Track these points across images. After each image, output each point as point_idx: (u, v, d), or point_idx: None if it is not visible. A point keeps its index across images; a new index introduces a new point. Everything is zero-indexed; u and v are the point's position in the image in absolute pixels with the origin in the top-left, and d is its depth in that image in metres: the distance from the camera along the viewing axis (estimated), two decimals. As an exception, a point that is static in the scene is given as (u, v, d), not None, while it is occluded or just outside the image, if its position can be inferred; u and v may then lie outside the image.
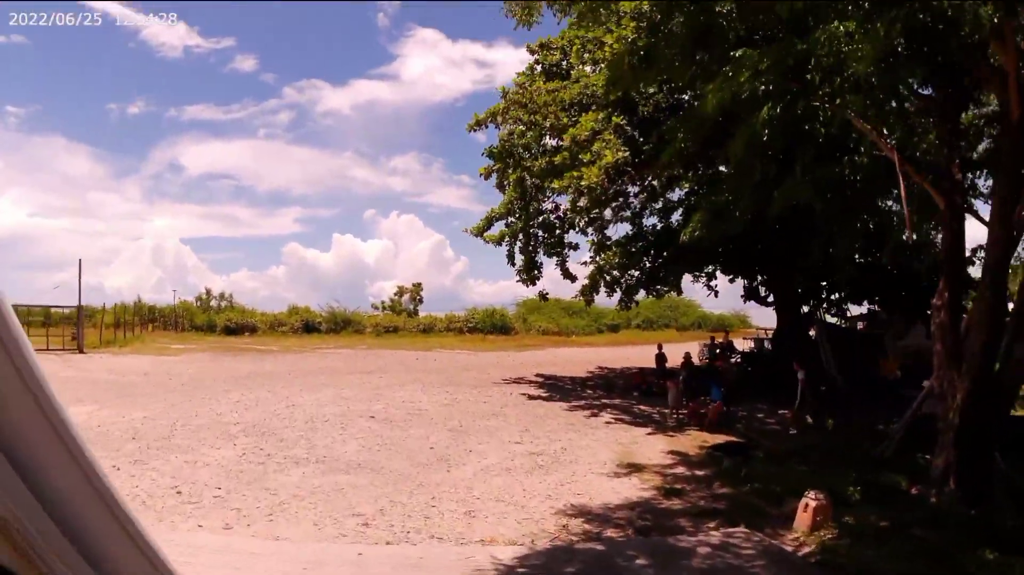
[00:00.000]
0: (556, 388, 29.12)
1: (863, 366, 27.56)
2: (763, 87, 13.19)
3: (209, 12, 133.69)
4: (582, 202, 24.40)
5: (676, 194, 32.21)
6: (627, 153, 22.43)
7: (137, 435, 17.21)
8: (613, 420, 21.90)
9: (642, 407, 24.71)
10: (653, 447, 18.15)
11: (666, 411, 23.16)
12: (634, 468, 15.64)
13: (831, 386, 25.57)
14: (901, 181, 13.97)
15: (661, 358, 30.34)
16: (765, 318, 57.47)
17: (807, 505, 11.59)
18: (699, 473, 15.49)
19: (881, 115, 13.99)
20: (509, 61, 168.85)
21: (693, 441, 19.04)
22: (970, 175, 19.36)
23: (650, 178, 26.85)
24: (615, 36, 21.34)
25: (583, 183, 21.94)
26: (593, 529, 11.44)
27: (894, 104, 13.91)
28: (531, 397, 26.12)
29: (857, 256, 23.92)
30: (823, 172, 17.55)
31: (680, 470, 15.79)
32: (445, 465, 15.32)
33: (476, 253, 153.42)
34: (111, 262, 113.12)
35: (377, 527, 10.94)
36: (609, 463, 16.07)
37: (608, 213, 30.39)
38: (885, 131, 14.96)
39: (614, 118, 23.13)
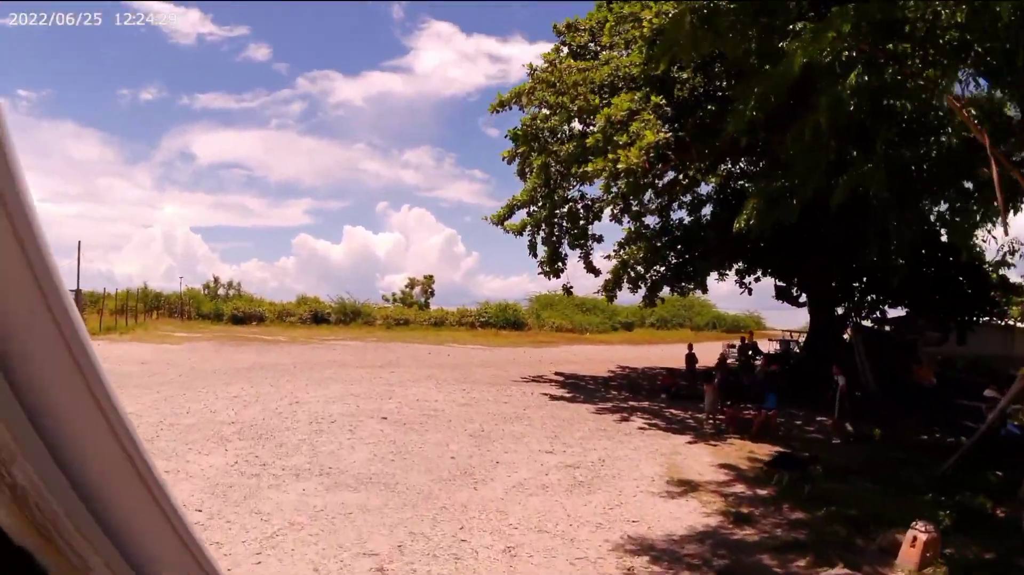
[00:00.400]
0: (578, 388, 26.84)
1: (897, 372, 25.24)
2: (847, 53, 11.64)
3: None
4: (617, 187, 21.87)
5: (705, 189, 30.48)
6: (669, 134, 20.04)
7: (118, 435, 14.67)
8: (646, 426, 19.63)
9: (673, 411, 22.46)
10: (699, 459, 15.88)
11: (699, 416, 21.11)
12: (687, 486, 13.34)
13: (865, 393, 23.66)
14: (994, 167, 11.92)
15: (691, 359, 28.13)
16: (781, 320, 56.01)
17: (915, 539, 9.46)
18: (761, 493, 13.23)
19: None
20: (523, 56, 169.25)
21: (739, 452, 16.87)
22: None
23: (689, 164, 24.26)
24: (654, 11, 19.38)
25: (620, 166, 19.52)
26: (664, 571, 8.93)
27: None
28: (553, 397, 23.80)
29: (893, 255, 21.46)
30: (911, 151, 15.34)
31: (739, 489, 13.50)
32: (471, 480, 12.79)
33: (487, 248, 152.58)
34: (121, 248, 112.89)
35: (395, 573, 8.37)
36: (657, 479, 13.71)
37: (646, 199, 28.05)
38: (973, 111, 12.87)
39: (652, 97, 20.72)
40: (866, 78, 11.65)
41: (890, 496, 12.73)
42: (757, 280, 32.24)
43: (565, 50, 26.66)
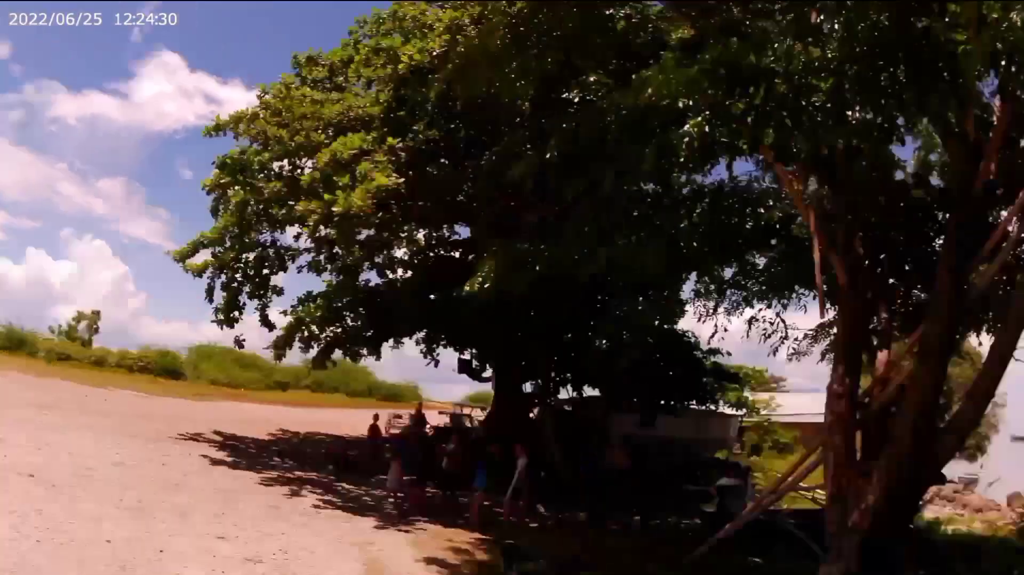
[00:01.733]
0: (240, 452, 23.38)
1: (590, 454, 24.16)
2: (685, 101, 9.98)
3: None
4: (325, 231, 19.26)
5: (398, 252, 27.91)
6: (402, 180, 18.12)
7: None
8: (321, 503, 17.05)
9: (345, 486, 20.12)
10: (400, 551, 13.62)
11: (376, 493, 19.43)
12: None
13: (552, 473, 22.98)
14: (816, 248, 12.42)
15: (375, 430, 25.64)
16: (437, 392, 54.81)
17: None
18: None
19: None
20: (239, 101, 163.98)
21: (438, 541, 14.77)
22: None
23: (408, 218, 21.73)
24: (417, 47, 18.60)
25: (336, 208, 17.32)
26: None
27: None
28: (215, 461, 20.36)
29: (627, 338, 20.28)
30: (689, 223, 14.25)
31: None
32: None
33: (157, 291, 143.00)
34: None
35: None
36: (358, 581, 10.96)
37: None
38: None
39: (389, 139, 18.90)
40: (707, 128, 9.88)
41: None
42: (427, 351, 30.26)
43: (297, 82, 24.07)
